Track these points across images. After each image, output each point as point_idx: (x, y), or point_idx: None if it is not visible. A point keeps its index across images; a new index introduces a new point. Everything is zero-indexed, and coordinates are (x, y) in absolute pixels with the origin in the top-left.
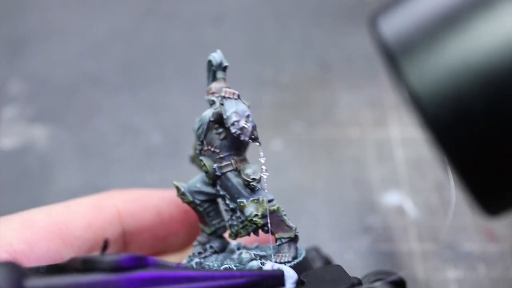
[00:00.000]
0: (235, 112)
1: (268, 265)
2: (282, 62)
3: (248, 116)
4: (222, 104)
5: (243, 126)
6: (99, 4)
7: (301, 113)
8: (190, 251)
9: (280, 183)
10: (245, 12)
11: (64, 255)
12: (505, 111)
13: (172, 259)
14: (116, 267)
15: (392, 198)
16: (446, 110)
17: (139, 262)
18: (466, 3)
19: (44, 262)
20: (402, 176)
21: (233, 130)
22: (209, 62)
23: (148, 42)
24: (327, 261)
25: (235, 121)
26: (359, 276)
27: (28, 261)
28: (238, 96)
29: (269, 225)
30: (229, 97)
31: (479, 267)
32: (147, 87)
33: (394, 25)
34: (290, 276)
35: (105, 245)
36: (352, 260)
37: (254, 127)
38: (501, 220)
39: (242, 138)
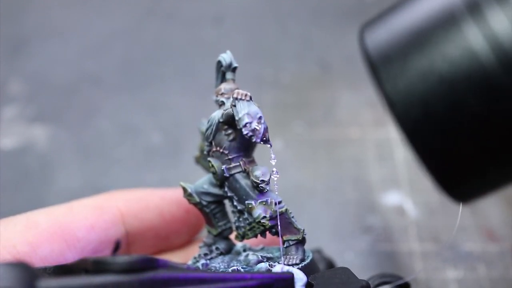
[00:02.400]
0: (248, 113)
1: (278, 268)
2: (282, 62)
3: (260, 118)
4: (234, 106)
5: (255, 128)
6: (99, 4)
7: (301, 113)
8: (191, 250)
9: (280, 183)
10: (245, 12)
11: (67, 256)
12: (463, 110)
13: (173, 257)
14: (128, 269)
15: (392, 198)
16: (415, 111)
17: (150, 264)
18: (433, 23)
19: (47, 264)
20: (402, 176)
21: (245, 132)
22: (219, 62)
23: (148, 42)
24: (330, 263)
25: (247, 123)
26: (363, 277)
27: (32, 263)
28: (250, 98)
29: (279, 227)
30: (241, 99)
31: (479, 267)
32: (147, 87)
33: (376, 38)
34: (300, 278)
35: (116, 246)
36: (352, 260)
37: (265, 129)
38: (501, 219)
39: (254, 140)
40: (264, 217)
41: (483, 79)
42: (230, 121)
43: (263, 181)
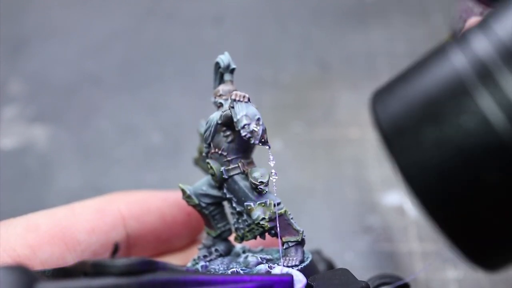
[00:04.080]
0: (246, 115)
1: (277, 269)
2: (282, 62)
3: (258, 120)
4: (232, 107)
5: (253, 130)
6: (99, 4)
7: (301, 113)
8: (191, 252)
9: (280, 183)
10: (245, 12)
11: (68, 259)
12: (483, 181)
13: (173, 259)
14: (127, 271)
15: (392, 198)
16: (432, 184)
17: (149, 266)
18: (444, 93)
19: (47, 267)
20: None
21: (243, 133)
22: (217, 64)
23: (148, 42)
24: (329, 264)
25: (245, 124)
26: (363, 278)
27: (32, 266)
28: (248, 99)
29: (278, 228)
30: (239, 100)
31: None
32: (147, 87)
33: (387, 109)
34: (299, 280)
35: (115, 249)
36: (352, 260)
37: (264, 131)
38: None
39: (252, 141)
40: (263, 218)
41: (500, 150)
42: (228, 123)
43: (261, 182)
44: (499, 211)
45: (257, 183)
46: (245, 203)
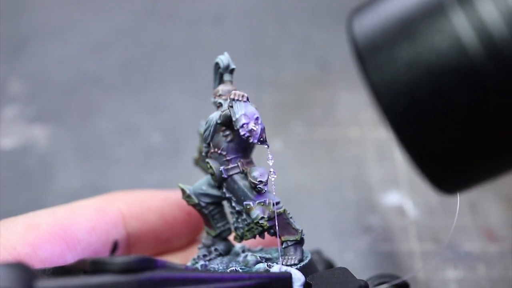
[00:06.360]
0: (245, 114)
1: (276, 268)
2: (282, 62)
3: (257, 119)
4: (231, 107)
5: (252, 129)
6: (99, 4)
7: (301, 113)
8: (191, 252)
9: (280, 183)
10: (245, 12)
11: (68, 258)
12: (450, 103)
13: (173, 259)
14: (126, 269)
15: (392, 198)
16: (401, 102)
17: (148, 264)
18: (421, 11)
19: (48, 265)
20: (402, 176)
21: (242, 132)
22: (216, 64)
23: (148, 42)
24: (329, 264)
25: (244, 124)
26: (363, 277)
27: (32, 265)
28: (247, 99)
29: (276, 227)
30: (238, 99)
31: (479, 267)
32: (147, 87)
33: (364, 26)
34: (298, 278)
35: (114, 247)
36: (352, 260)
37: (262, 130)
38: (501, 219)
39: (251, 140)
40: (262, 217)
41: (470, 72)
42: (227, 122)
43: (261, 181)
44: (463, 134)
45: (256, 182)
46: (245, 202)
